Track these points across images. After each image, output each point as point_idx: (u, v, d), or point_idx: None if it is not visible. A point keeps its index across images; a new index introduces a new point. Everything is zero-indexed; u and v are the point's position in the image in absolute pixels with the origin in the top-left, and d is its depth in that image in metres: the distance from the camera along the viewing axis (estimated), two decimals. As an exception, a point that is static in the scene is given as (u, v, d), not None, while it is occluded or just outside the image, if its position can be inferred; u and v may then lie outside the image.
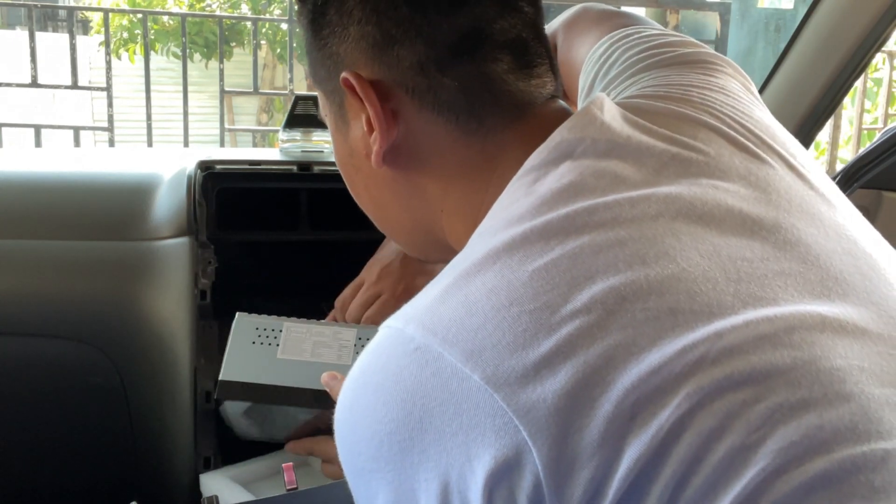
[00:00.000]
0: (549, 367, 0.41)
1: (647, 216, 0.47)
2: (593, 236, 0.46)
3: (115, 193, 1.06)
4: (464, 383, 0.42)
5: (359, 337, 0.88)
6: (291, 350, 0.86)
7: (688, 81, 0.60)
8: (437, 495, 0.43)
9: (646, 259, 0.44)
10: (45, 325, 0.97)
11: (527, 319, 0.43)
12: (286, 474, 0.68)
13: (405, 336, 0.45)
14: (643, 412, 0.40)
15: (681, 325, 0.42)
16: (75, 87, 3.32)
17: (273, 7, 6.74)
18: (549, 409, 0.40)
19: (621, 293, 0.43)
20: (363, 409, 0.46)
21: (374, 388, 0.45)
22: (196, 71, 5.88)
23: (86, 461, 1.02)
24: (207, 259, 1.02)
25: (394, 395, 0.44)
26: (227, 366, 0.84)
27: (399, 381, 0.44)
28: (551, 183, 0.49)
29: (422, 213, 0.59)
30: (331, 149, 1.19)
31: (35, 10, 3.25)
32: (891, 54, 4.38)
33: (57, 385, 0.99)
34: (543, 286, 0.44)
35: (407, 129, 0.56)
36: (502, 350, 0.42)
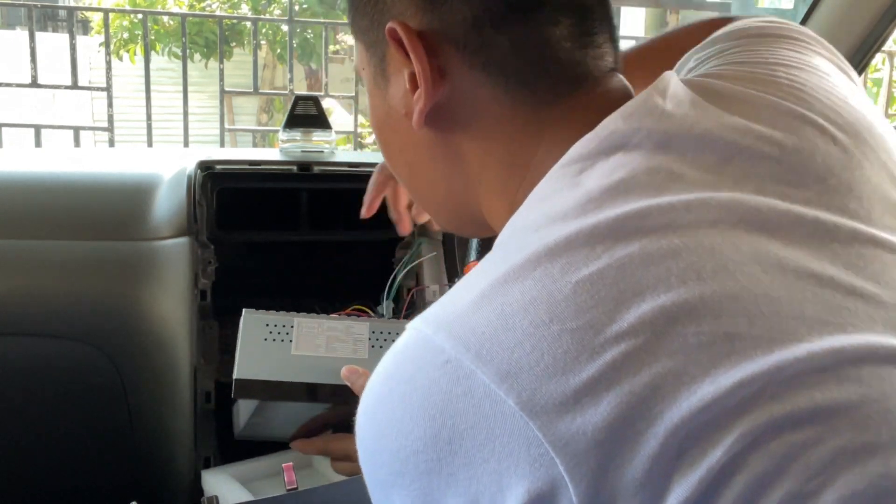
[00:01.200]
0: (590, 395, 0.37)
1: (704, 223, 0.42)
2: (644, 244, 0.41)
3: (115, 193, 1.06)
4: (497, 407, 0.39)
5: (372, 331, 0.87)
6: (305, 346, 0.84)
7: (776, 59, 0.54)
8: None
9: (701, 274, 0.40)
10: (45, 325, 0.97)
11: (568, 340, 0.39)
12: (286, 474, 0.68)
13: (435, 346, 0.42)
14: (692, 450, 0.36)
15: (737, 352, 0.38)
16: (75, 88, 3.31)
17: (273, 7, 6.74)
18: (588, 443, 0.37)
19: (672, 314, 0.39)
20: (388, 421, 0.43)
21: (401, 400, 0.42)
22: (196, 71, 5.88)
23: (86, 461, 1.02)
24: (207, 259, 1.02)
25: (421, 411, 0.41)
26: (241, 364, 0.82)
27: (428, 397, 0.41)
28: (600, 178, 0.45)
29: (458, 183, 0.55)
30: (331, 149, 1.19)
31: (35, 10, 3.25)
32: (891, 54, 4.37)
33: (57, 385, 0.99)
34: (587, 301, 0.40)
35: (453, 90, 0.51)
36: (540, 373, 0.38)
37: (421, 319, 0.44)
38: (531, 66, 0.50)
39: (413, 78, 0.51)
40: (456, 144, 0.53)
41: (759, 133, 0.47)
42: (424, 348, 0.42)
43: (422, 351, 0.42)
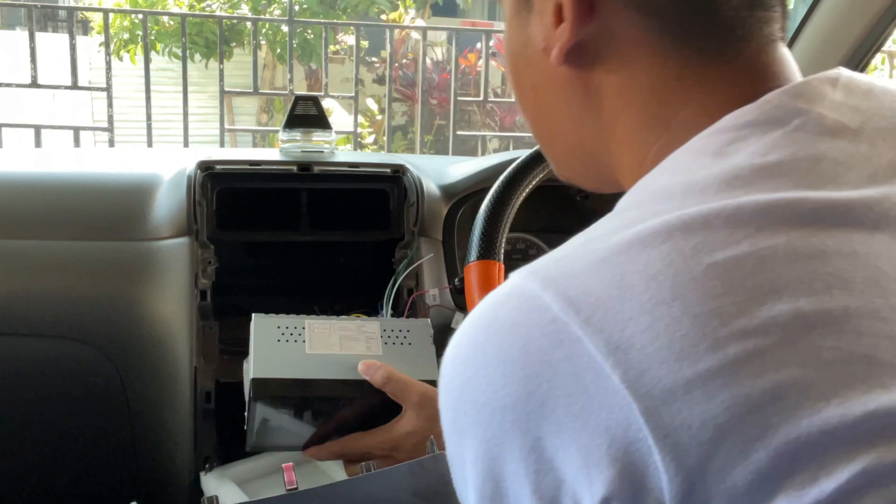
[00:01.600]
0: (704, 389, 0.34)
1: (863, 227, 0.38)
2: (791, 238, 0.37)
3: (115, 193, 1.06)
4: (600, 380, 0.36)
5: (383, 328, 0.88)
6: (319, 345, 0.84)
7: None
8: (538, 492, 0.37)
9: (850, 284, 0.36)
10: (45, 325, 0.97)
11: (689, 324, 0.36)
12: (286, 474, 0.68)
13: (541, 303, 0.38)
14: (803, 473, 0.33)
15: (874, 378, 0.34)
16: (75, 88, 3.32)
17: (273, 7, 6.74)
18: (693, 438, 0.34)
19: (810, 321, 0.35)
20: (480, 370, 0.40)
21: (496, 352, 0.39)
22: (196, 71, 5.88)
23: (86, 461, 1.02)
24: (207, 259, 1.02)
25: (517, 368, 0.38)
26: (257, 364, 0.82)
27: (526, 355, 0.38)
28: (752, 155, 0.41)
29: (590, 129, 0.50)
30: (331, 149, 1.19)
31: (35, 10, 3.25)
32: (891, 54, 4.38)
33: (57, 385, 0.99)
34: (717, 288, 0.36)
35: (601, 27, 0.46)
36: (652, 354, 0.36)
37: (529, 271, 0.41)
38: (691, 16, 0.45)
39: (558, 10, 0.47)
40: (595, 86, 0.48)
41: None
42: (530, 303, 0.39)
43: (526, 305, 0.39)
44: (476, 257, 0.93)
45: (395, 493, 0.61)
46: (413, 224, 1.11)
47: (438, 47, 7.20)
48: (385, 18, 6.84)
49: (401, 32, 6.42)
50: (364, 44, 5.04)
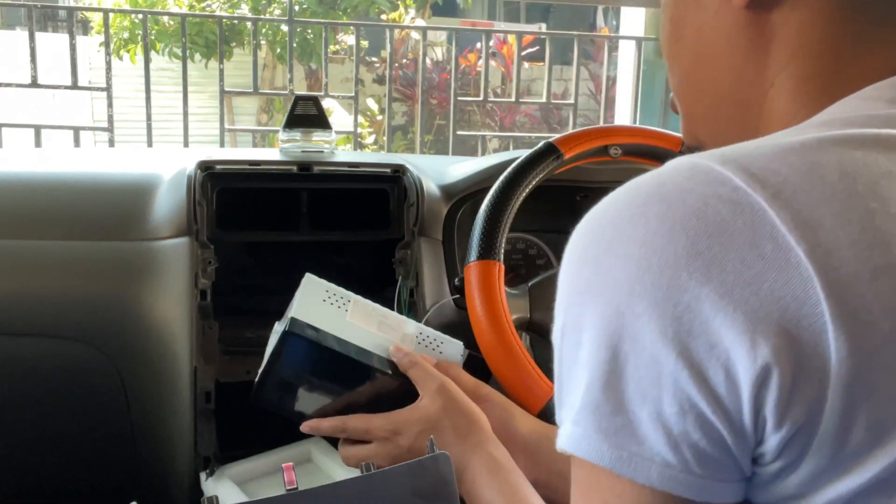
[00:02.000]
0: (893, 279, 0.35)
1: None
2: None
3: (115, 193, 1.06)
4: (780, 252, 0.36)
5: (420, 331, 0.88)
6: (359, 319, 0.85)
7: None
8: (684, 355, 0.37)
9: None
10: (45, 325, 0.97)
11: (884, 220, 0.36)
12: (286, 474, 0.68)
13: (720, 175, 0.38)
14: None
15: None
16: (75, 88, 3.32)
17: (273, 7, 6.74)
18: (872, 326, 0.34)
19: None
20: (637, 230, 0.39)
21: (661, 214, 0.39)
22: (196, 71, 5.88)
23: (86, 461, 1.02)
24: (207, 259, 1.02)
25: (686, 229, 0.37)
26: (299, 310, 0.83)
27: (700, 219, 0.37)
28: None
29: (749, 78, 0.50)
30: (331, 149, 1.19)
31: (35, 10, 3.25)
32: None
33: (57, 385, 0.99)
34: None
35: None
36: (843, 236, 0.36)
37: (696, 156, 0.40)
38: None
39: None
40: (772, 27, 0.48)
41: None
42: (706, 175, 0.39)
43: (702, 176, 0.39)
44: (476, 257, 0.93)
45: (395, 493, 0.61)
46: (413, 224, 1.11)
47: (438, 47, 7.21)
48: (385, 18, 6.83)
49: (401, 32, 6.42)
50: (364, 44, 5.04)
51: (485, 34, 3.65)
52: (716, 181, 0.38)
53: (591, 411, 0.40)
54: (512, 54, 5.75)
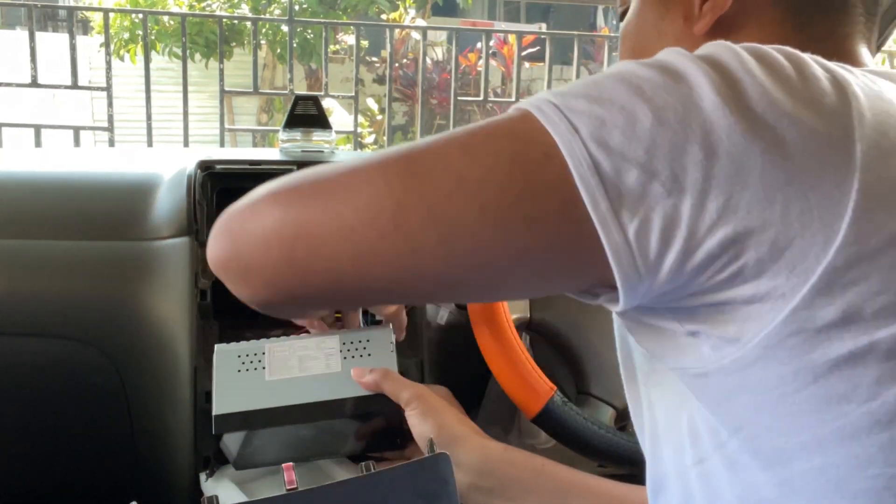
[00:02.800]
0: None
1: None
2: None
3: (115, 193, 1.06)
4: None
5: (342, 342, 0.87)
6: (278, 370, 0.84)
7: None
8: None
9: None
10: (45, 325, 0.97)
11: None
12: (286, 474, 0.68)
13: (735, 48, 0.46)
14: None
15: None
16: (75, 87, 3.32)
17: (273, 7, 6.74)
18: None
19: None
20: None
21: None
22: (196, 71, 5.88)
23: (85, 461, 1.02)
24: (207, 259, 1.02)
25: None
26: (218, 400, 0.83)
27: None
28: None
29: None
30: (331, 149, 1.19)
31: (35, 10, 3.25)
32: (891, 54, 4.38)
33: (57, 385, 0.99)
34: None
35: (743, 7, 0.56)
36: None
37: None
38: (826, 1, 0.56)
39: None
40: None
41: None
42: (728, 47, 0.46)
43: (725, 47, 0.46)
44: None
45: (396, 493, 0.61)
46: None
47: (438, 47, 7.21)
48: (385, 18, 6.84)
49: (401, 32, 6.42)
50: (364, 44, 5.04)
51: (485, 34, 3.65)
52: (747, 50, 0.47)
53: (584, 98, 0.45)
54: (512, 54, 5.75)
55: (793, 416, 0.45)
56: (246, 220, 0.52)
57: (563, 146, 0.43)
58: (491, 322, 0.91)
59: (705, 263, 0.43)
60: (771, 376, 0.44)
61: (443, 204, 0.45)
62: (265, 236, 0.50)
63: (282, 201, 0.50)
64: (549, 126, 0.44)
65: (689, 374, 0.48)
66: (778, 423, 0.46)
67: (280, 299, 0.53)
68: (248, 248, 0.51)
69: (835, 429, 0.44)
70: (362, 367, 0.84)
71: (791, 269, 0.42)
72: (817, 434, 0.45)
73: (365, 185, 0.47)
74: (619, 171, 0.43)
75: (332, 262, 0.49)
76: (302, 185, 0.50)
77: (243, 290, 0.54)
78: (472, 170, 0.45)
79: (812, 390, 0.44)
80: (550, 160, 0.44)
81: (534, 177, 0.44)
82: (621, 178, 0.43)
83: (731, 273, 0.43)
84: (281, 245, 0.50)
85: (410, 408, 0.81)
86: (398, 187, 0.46)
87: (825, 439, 0.45)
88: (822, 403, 0.44)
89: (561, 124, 0.44)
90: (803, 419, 0.45)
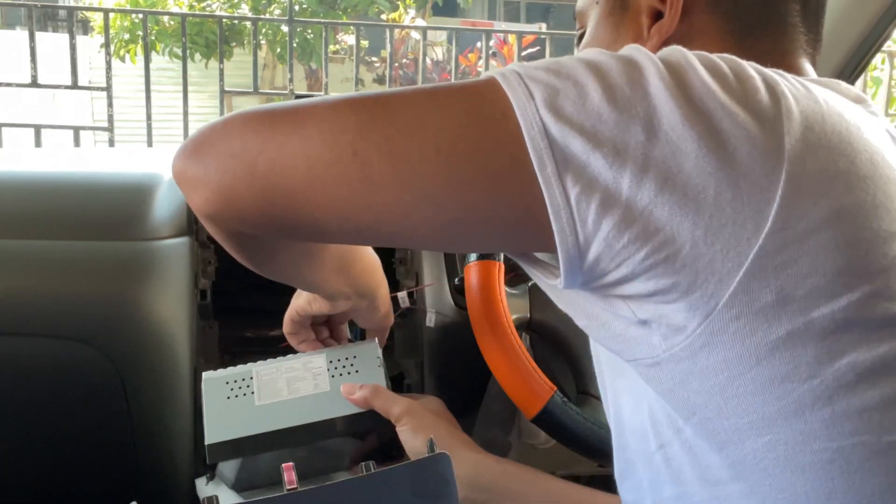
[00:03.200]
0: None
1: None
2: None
3: (115, 193, 1.06)
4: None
5: (329, 360, 0.87)
6: (268, 394, 0.84)
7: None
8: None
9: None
10: (45, 325, 0.97)
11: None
12: (286, 474, 0.68)
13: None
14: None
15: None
16: (75, 87, 3.32)
17: (273, 7, 6.75)
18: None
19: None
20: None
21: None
22: (196, 71, 5.88)
23: (85, 461, 1.02)
24: (207, 259, 1.02)
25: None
26: (210, 429, 0.83)
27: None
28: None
29: None
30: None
31: (35, 10, 3.25)
32: (891, 54, 4.38)
33: (57, 385, 0.99)
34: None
35: (690, 27, 0.60)
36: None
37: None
38: (765, 20, 0.60)
39: (652, 12, 0.61)
40: None
41: None
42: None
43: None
44: (476, 257, 0.93)
45: (395, 494, 0.61)
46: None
47: (438, 47, 7.21)
48: (385, 18, 6.84)
49: (401, 32, 6.42)
50: (364, 43, 5.04)
51: (485, 34, 3.65)
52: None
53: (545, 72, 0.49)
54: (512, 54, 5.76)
55: (740, 398, 0.48)
56: (216, 134, 0.54)
57: (518, 109, 0.47)
58: (491, 322, 0.91)
59: (640, 239, 0.46)
60: (717, 361, 0.47)
61: (401, 139, 0.48)
62: (231, 148, 0.53)
63: (252, 120, 0.53)
64: (509, 90, 0.48)
65: (644, 364, 0.51)
66: (727, 406, 0.48)
67: (231, 211, 0.54)
68: (213, 158, 0.53)
69: (780, 407, 0.47)
70: (351, 383, 0.84)
71: (725, 254, 0.45)
72: (764, 413, 0.47)
73: (333, 112, 0.50)
74: (566, 138, 0.46)
75: (287, 178, 0.51)
76: (276, 110, 0.53)
77: (198, 196, 0.55)
78: (434, 115, 0.49)
79: (756, 372, 0.47)
80: (506, 119, 0.47)
81: (489, 132, 0.48)
82: (568, 144, 0.46)
83: (667, 254, 0.46)
84: (244, 154, 0.52)
85: (401, 424, 0.81)
86: (364, 118, 0.49)
87: (771, 418, 0.47)
88: (767, 384, 0.47)
89: (519, 89, 0.48)
90: (750, 400, 0.47)
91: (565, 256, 0.48)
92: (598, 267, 0.48)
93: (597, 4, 0.66)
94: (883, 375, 0.47)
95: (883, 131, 0.54)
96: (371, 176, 0.49)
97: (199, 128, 0.57)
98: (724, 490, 0.51)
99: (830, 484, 0.48)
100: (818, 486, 0.48)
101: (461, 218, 0.49)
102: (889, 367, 0.47)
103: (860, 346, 0.46)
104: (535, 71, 0.49)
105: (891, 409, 0.47)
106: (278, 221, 0.53)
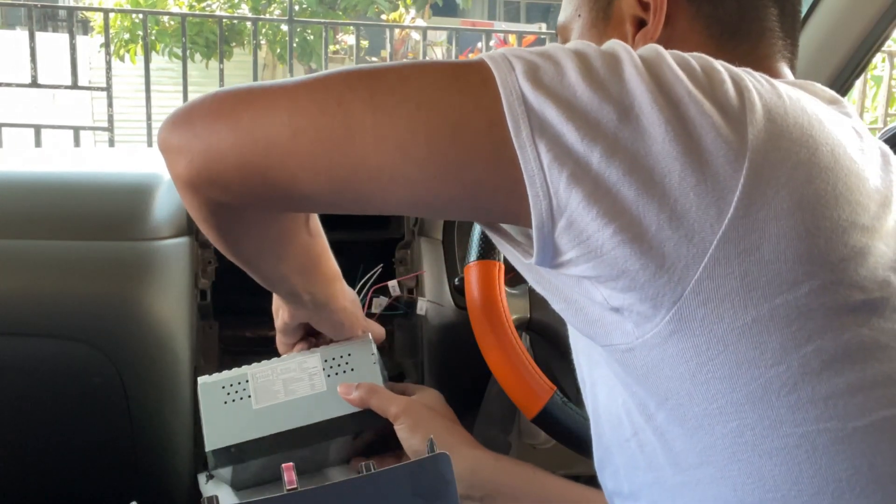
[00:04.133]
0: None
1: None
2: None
3: (115, 193, 1.06)
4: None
5: (324, 359, 0.86)
6: (265, 397, 0.84)
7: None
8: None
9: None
10: (45, 325, 0.97)
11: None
12: (286, 474, 0.68)
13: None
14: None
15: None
16: (75, 87, 3.32)
17: (273, 7, 6.75)
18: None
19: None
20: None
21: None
22: (196, 71, 5.88)
23: (85, 461, 1.02)
24: (207, 259, 1.02)
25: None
26: (209, 435, 0.83)
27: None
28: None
29: None
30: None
31: (35, 10, 3.25)
32: (891, 54, 4.38)
33: (57, 385, 0.99)
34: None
35: (672, 33, 0.63)
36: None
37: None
38: (746, 25, 0.62)
39: (635, 21, 0.63)
40: None
41: None
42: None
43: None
44: (476, 257, 0.93)
45: (395, 494, 0.61)
46: (413, 224, 1.11)
47: (438, 47, 7.21)
48: (385, 18, 6.84)
49: (401, 32, 6.42)
50: (364, 44, 5.04)
51: (485, 34, 3.65)
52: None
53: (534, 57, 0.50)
54: (512, 54, 5.74)
55: (709, 384, 0.49)
56: (204, 103, 0.55)
57: (499, 76, 0.49)
58: (491, 322, 0.91)
59: (608, 216, 0.47)
60: (687, 347, 0.49)
61: (384, 95, 0.50)
62: (217, 113, 0.54)
63: (242, 90, 0.54)
64: (492, 65, 0.50)
65: (619, 349, 0.53)
66: (697, 391, 0.50)
67: (210, 174, 0.54)
68: (199, 122, 0.54)
69: (747, 392, 0.48)
70: (348, 382, 0.84)
71: (690, 238, 0.47)
72: (732, 398, 0.49)
73: (322, 76, 0.53)
74: (542, 106, 0.48)
75: (270, 132, 0.52)
76: (264, 84, 0.54)
77: (180, 162, 0.55)
78: (418, 77, 0.51)
79: (724, 357, 0.48)
80: (486, 85, 0.49)
81: (469, 95, 0.50)
82: (544, 111, 0.48)
83: (634, 234, 0.47)
84: (230, 115, 0.53)
85: (399, 422, 0.81)
86: (353, 79, 0.51)
87: (739, 403, 0.49)
88: (734, 368, 0.48)
89: (502, 64, 0.50)
90: (719, 385, 0.49)
91: (538, 222, 0.49)
92: (568, 234, 0.49)
93: (579, 17, 0.68)
94: (847, 363, 0.48)
95: (850, 129, 0.55)
96: (352, 125, 0.50)
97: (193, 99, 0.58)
98: (694, 475, 0.53)
99: (797, 469, 0.49)
100: (785, 471, 0.49)
101: (436, 176, 0.50)
102: (852, 355, 0.48)
103: (824, 333, 0.48)
104: (520, 51, 0.51)
105: (855, 396, 0.48)
106: (258, 184, 0.54)
